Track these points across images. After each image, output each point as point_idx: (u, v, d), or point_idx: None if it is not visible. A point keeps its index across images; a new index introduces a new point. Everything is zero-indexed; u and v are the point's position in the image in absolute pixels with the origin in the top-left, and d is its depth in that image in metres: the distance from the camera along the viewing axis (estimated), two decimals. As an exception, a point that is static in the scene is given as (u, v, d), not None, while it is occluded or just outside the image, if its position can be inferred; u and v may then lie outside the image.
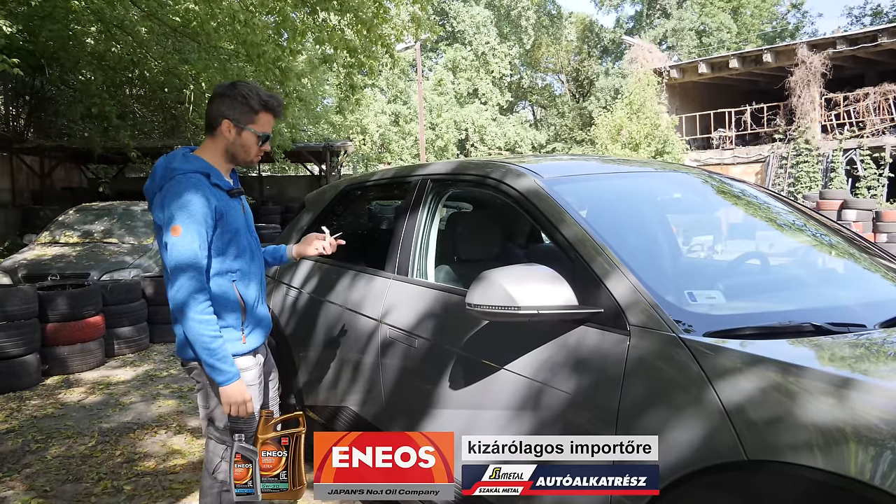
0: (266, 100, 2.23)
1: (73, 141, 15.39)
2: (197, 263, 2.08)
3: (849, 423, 1.25)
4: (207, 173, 2.18)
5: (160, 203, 2.15)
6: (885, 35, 18.66)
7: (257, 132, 2.23)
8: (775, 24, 37.56)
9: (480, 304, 1.86)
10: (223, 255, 2.20)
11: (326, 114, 23.04)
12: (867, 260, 2.41)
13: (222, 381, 2.13)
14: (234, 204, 2.26)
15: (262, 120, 2.23)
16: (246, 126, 2.21)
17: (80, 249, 8.28)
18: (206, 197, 2.12)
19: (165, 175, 2.17)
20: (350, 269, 3.13)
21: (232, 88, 2.24)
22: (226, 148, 2.25)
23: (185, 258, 2.07)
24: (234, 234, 2.22)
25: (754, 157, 21.47)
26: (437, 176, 2.86)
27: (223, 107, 2.23)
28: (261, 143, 2.26)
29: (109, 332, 6.29)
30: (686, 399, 1.51)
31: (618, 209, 2.55)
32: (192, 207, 2.08)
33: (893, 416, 1.24)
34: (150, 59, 11.60)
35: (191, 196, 2.09)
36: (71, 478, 3.61)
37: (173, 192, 2.11)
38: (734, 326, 1.65)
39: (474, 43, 34.05)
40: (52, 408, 4.88)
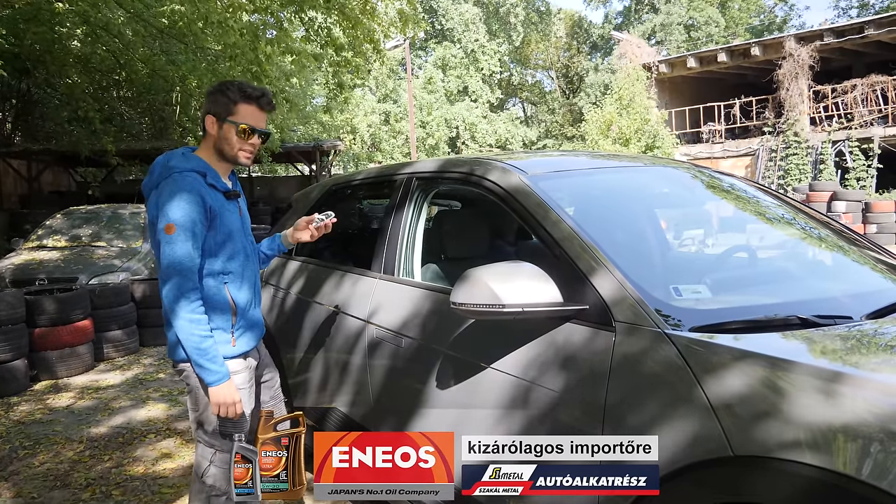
0: (246, 90, 2.21)
1: (60, 144, 15.27)
2: (189, 262, 2.08)
3: (836, 418, 1.24)
4: (204, 173, 2.18)
5: (155, 201, 2.15)
6: (871, 27, 18.76)
7: (236, 123, 2.19)
8: (763, 18, 37.70)
9: (465, 302, 1.84)
10: (215, 257, 2.19)
11: (316, 114, 22.95)
12: (855, 252, 2.41)
13: (211, 381, 2.12)
14: (230, 206, 2.25)
15: (241, 111, 2.20)
16: (226, 119, 2.20)
17: (67, 253, 8.20)
18: (201, 196, 2.12)
19: (163, 173, 2.17)
20: (337, 269, 3.10)
21: (217, 85, 2.25)
22: (214, 145, 2.24)
23: (178, 257, 2.07)
24: (227, 235, 2.21)
25: (744, 150, 21.54)
26: (422, 174, 2.83)
27: (208, 104, 2.24)
28: (244, 135, 2.21)
29: (98, 335, 6.24)
30: (672, 395, 1.49)
31: (604, 204, 2.54)
32: (187, 206, 2.08)
33: (882, 409, 1.23)
34: (137, 61, 11.51)
35: (185, 195, 2.09)
36: (59, 484, 3.58)
37: (169, 190, 2.11)
38: (720, 321, 1.63)
39: (463, 40, 34.01)
40: (41, 413, 4.83)
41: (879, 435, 1.17)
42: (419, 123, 30.77)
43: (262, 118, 2.25)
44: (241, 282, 2.26)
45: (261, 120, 2.25)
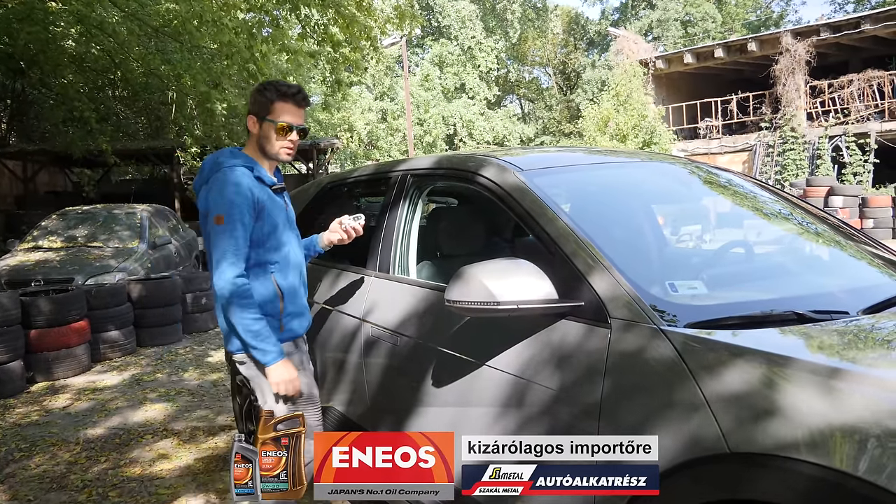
0: (281, 89, 2.31)
1: (55, 144, 15.22)
2: (238, 251, 2.19)
3: (833, 414, 1.22)
4: (251, 167, 2.29)
5: (206, 195, 2.26)
6: (868, 21, 18.75)
7: (274, 121, 2.29)
8: (759, 13, 37.69)
9: (460, 300, 1.83)
10: (262, 247, 2.29)
11: (313, 111, 22.90)
12: (852, 247, 2.40)
13: (268, 361, 2.22)
14: (276, 199, 2.36)
15: (278, 109, 2.30)
16: (265, 118, 2.31)
17: (63, 254, 8.18)
18: (249, 188, 2.23)
19: (213, 168, 2.29)
20: (333, 267, 3.09)
21: (256, 86, 2.40)
22: (257, 143, 2.35)
23: (227, 245, 2.17)
24: (273, 227, 2.31)
25: (741, 145, 21.55)
26: (417, 171, 2.82)
27: (249, 105, 2.37)
28: (283, 132, 2.31)
29: (95, 336, 6.22)
30: (668, 391, 1.48)
31: (600, 200, 2.52)
32: (235, 198, 2.19)
33: (878, 405, 1.22)
34: (132, 60, 11.47)
35: (234, 187, 2.20)
36: (55, 486, 3.56)
37: (219, 183, 2.22)
38: (716, 316, 1.62)
39: (460, 37, 33.94)
40: (37, 415, 4.81)
41: (876, 431, 1.16)
42: (416, 121, 30.72)
43: (299, 114, 2.35)
44: (287, 271, 2.36)
45: (298, 116, 2.35)
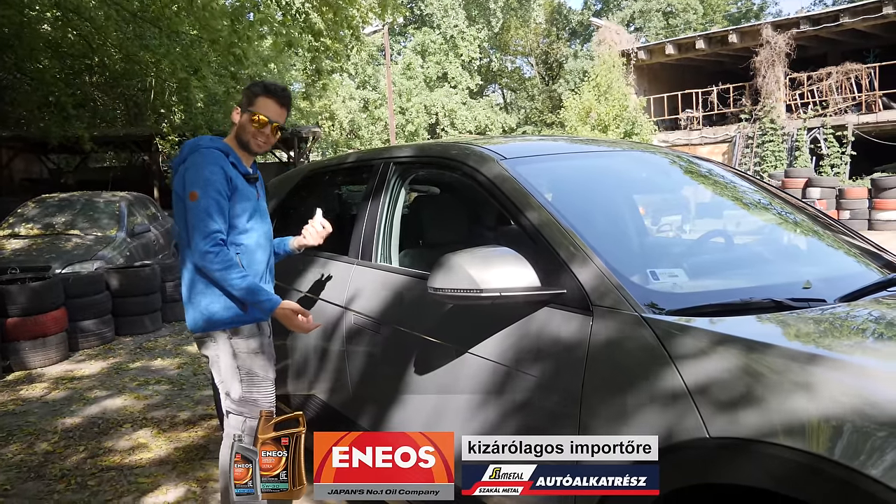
0: (269, 87, 2.45)
1: (31, 131, 14.95)
2: (214, 224, 2.27)
3: (810, 400, 1.24)
4: (227, 152, 2.41)
5: (182, 173, 2.35)
6: (846, 15, 18.95)
7: (253, 112, 2.41)
8: (740, 5, 37.89)
9: (443, 287, 1.83)
10: (231, 228, 2.37)
11: (294, 100, 22.68)
12: (829, 236, 2.43)
13: (269, 307, 2.32)
14: (248, 188, 2.45)
15: (259, 103, 2.42)
16: (247, 109, 2.43)
17: (40, 242, 8.05)
18: (223, 167, 2.34)
19: (192, 149, 2.39)
20: (315, 255, 3.07)
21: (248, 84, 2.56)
22: (236, 132, 2.47)
23: (203, 219, 2.25)
24: (242, 210, 2.39)
25: (721, 137, 21.73)
26: (399, 159, 2.81)
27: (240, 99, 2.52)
28: (259, 125, 2.41)
29: (73, 325, 6.15)
30: (648, 377, 1.49)
31: (582, 189, 2.53)
32: (210, 176, 2.30)
33: (853, 391, 1.24)
34: (110, 45, 11.29)
35: (209, 166, 2.32)
36: (33, 475, 3.52)
37: (195, 162, 2.33)
38: (696, 304, 1.64)
39: (443, 26, 33.75)
40: (13, 405, 4.75)
41: (852, 416, 1.18)
42: (398, 110, 30.58)
43: (279, 113, 2.45)
44: (252, 256, 2.43)
45: (278, 114, 2.45)
